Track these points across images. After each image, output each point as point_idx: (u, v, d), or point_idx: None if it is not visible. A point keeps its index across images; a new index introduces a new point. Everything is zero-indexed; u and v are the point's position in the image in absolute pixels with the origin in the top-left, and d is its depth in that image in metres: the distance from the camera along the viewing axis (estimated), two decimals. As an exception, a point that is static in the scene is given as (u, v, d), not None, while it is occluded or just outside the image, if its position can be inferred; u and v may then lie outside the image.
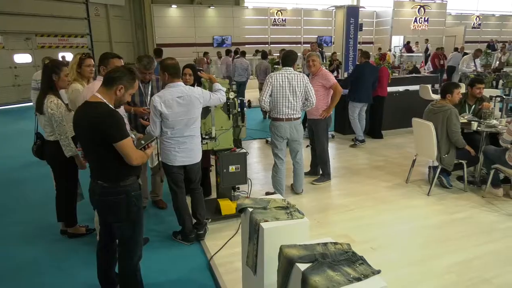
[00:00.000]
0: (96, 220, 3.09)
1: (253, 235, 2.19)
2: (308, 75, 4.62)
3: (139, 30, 17.67)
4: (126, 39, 17.09)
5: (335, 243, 1.83)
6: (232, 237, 3.45)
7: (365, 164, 5.72)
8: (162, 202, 4.30)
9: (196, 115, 3.25)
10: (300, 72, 4.40)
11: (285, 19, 19.66)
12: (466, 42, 20.03)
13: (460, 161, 4.44)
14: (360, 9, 12.94)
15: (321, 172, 4.99)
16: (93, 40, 14.69)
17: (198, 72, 3.94)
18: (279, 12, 19.50)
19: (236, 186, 4.03)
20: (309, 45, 10.27)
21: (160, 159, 3.42)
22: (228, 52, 11.64)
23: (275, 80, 4.05)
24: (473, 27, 23.59)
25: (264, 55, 9.57)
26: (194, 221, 3.56)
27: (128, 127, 3.49)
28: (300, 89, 4.05)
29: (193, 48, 17.66)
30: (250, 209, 2.27)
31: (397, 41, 19.90)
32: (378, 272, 1.63)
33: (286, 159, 4.35)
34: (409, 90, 7.91)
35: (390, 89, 7.80)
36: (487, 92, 6.39)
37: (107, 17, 15.77)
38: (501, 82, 9.58)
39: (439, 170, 4.47)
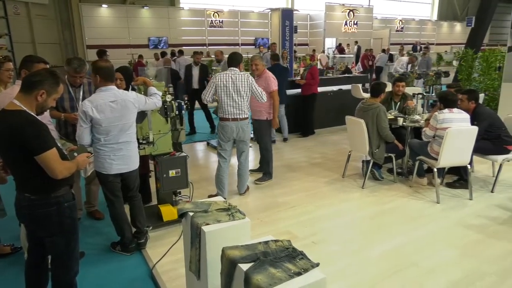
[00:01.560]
0: (23, 236, 2.84)
1: (195, 240, 2.16)
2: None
3: (66, 30, 16.54)
4: (51, 40, 15.89)
5: (276, 241, 1.87)
6: (175, 243, 3.36)
7: (304, 161, 5.92)
8: (98, 213, 4.07)
9: (131, 120, 3.11)
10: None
11: (222, 20, 19.67)
12: (392, 44, 21.61)
13: (390, 154, 4.78)
14: (294, 12, 13.36)
15: (263, 171, 5.10)
16: (13, 41, 13.45)
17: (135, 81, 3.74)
18: (216, 13, 19.46)
19: (177, 190, 3.94)
20: (260, 47, 10.36)
21: (93, 168, 3.23)
22: (163, 54, 11.48)
23: (219, 80, 4.09)
24: (397, 30, 25.53)
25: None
26: (134, 230, 3.42)
27: (55, 134, 3.26)
28: (245, 89, 4.10)
29: (127, 49, 16.95)
30: (191, 213, 2.23)
31: (330, 43, 20.86)
32: (317, 265, 1.69)
33: (230, 158, 4.39)
34: (342, 89, 8.34)
35: (324, 88, 8.19)
36: (410, 90, 6.95)
37: (28, 16, 14.52)
38: (421, 80, 10.46)
39: (371, 164, 4.77)
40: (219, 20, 19.61)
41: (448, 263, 3.11)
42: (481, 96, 6.54)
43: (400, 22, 25.73)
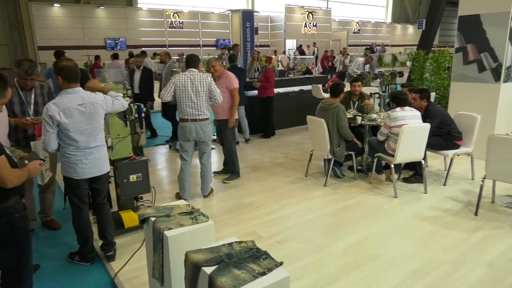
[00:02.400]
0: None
1: (158, 245, 2.11)
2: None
3: (15, 31, 15.62)
4: (-1, 41, 14.98)
5: (240, 242, 1.86)
6: (138, 250, 3.26)
7: (268, 162, 5.97)
8: (55, 222, 3.87)
9: (100, 123, 2.98)
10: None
11: (182, 21, 19.42)
12: (349, 45, 22.32)
13: (350, 152, 4.93)
14: (255, 13, 13.46)
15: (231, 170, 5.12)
16: (-45, 42, 12.54)
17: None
18: (175, 14, 19.17)
19: (139, 195, 3.84)
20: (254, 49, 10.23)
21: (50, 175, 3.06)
22: (115, 56, 11.21)
23: (178, 81, 4.08)
24: (354, 32, 26.42)
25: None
26: (101, 242, 3.28)
27: (4, 141, 3.07)
28: (204, 89, 4.08)
29: (83, 51, 16.29)
30: (153, 218, 2.18)
31: (291, 44, 21.21)
32: (281, 264, 1.71)
33: (191, 160, 4.36)
34: (303, 90, 8.50)
35: (286, 89, 8.30)
36: (367, 90, 7.21)
37: (-28, 15, 13.61)
38: (378, 80, 10.90)
39: (332, 162, 4.89)
40: (179, 21, 19.35)
41: (406, 254, 3.25)
42: (433, 94, 6.91)
43: (357, 24, 26.66)
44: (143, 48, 14.19)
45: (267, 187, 4.86)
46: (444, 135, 4.76)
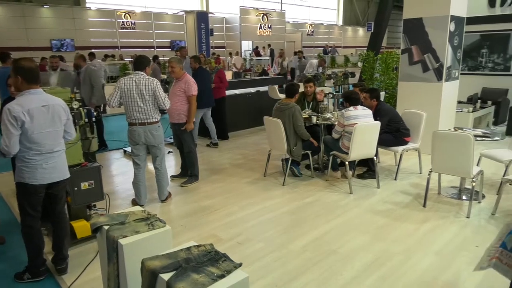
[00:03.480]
0: None
1: (112, 254, 2.02)
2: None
3: None
4: None
5: (198, 246, 1.83)
6: (91, 261, 3.12)
7: (227, 163, 5.95)
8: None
9: (61, 127, 2.86)
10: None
11: (134, 22, 18.85)
12: (304, 47, 22.83)
13: (306, 151, 5.03)
14: (209, 15, 13.37)
15: (189, 173, 5.04)
16: None
17: None
18: (127, 14, 18.57)
19: (92, 204, 3.67)
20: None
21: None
22: (61, 58, 10.64)
23: (123, 85, 3.93)
24: (308, 34, 27.06)
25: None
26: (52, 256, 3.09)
27: None
28: (149, 93, 3.96)
29: (26, 52, 15.31)
30: (106, 227, 2.09)
31: (247, 45, 21.31)
32: (240, 265, 1.70)
33: (145, 164, 4.26)
34: (260, 91, 8.57)
35: (243, 90, 8.33)
36: (321, 90, 7.40)
37: None
38: (332, 81, 11.22)
39: (290, 161, 4.97)
40: (131, 22, 18.77)
41: (362, 248, 3.37)
42: (382, 94, 7.24)
43: (311, 26, 27.33)
44: (92, 50, 13.58)
45: (226, 189, 4.84)
46: (394, 132, 5.01)
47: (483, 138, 6.97)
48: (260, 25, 20.89)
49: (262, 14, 20.94)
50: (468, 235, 3.58)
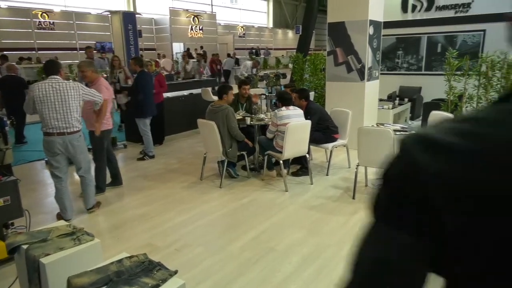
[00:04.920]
0: None
1: (33, 275, 1.85)
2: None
3: None
4: None
5: (131, 257, 1.76)
6: (11, 285, 2.82)
7: (161, 169, 5.77)
8: None
9: None
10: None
11: (53, 22, 17.47)
12: (236, 49, 23.03)
13: (242, 152, 5.07)
14: (137, 15, 12.86)
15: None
16: None
17: None
18: (44, 14, 17.15)
19: (9, 222, 3.32)
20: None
21: None
22: None
23: (38, 91, 3.57)
24: (240, 36, 27.32)
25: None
26: None
27: None
28: (74, 99, 3.69)
29: None
30: (25, 246, 1.91)
31: (178, 47, 20.90)
32: (175, 272, 1.66)
33: (67, 176, 3.96)
34: (193, 93, 8.46)
35: (176, 93, 8.15)
36: (254, 92, 7.52)
37: None
38: (264, 82, 11.47)
39: (226, 163, 4.97)
40: (50, 22, 17.36)
41: (298, 243, 3.48)
42: (312, 93, 7.57)
43: (242, 28, 27.64)
44: (4, 52, 12.33)
45: (162, 195, 4.70)
46: (323, 130, 5.25)
47: (402, 132, 7.61)
48: (191, 26, 20.63)
49: (192, 16, 20.70)
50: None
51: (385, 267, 0.50)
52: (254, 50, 24.98)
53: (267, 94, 6.87)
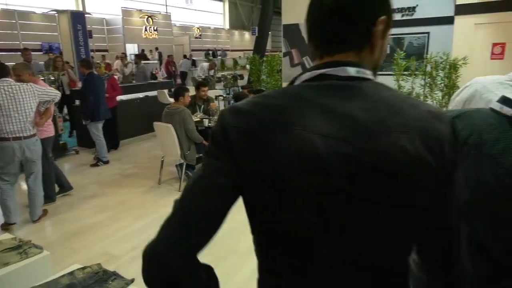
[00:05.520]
0: None
1: (-26, 295, 1.71)
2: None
3: None
4: None
5: (83, 268, 1.67)
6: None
7: (116, 174, 5.57)
8: None
9: None
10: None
11: (-7, 21, 16.31)
12: (192, 50, 22.76)
13: (201, 154, 5.01)
14: (86, 15, 12.31)
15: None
16: None
17: None
18: (-18, 13, 15.96)
19: None
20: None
21: None
22: None
23: None
24: (196, 37, 27.02)
25: None
26: None
27: None
28: (29, 101, 3.52)
29: None
30: (-36, 264, 1.76)
31: (132, 48, 20.27)
32: (132, 281, 1.61)
33: (17, 180, 3.76)
34: (149, 96, 8.24)
35: (130, 96, 7.91)
36: (212, 93, 7.48)
37: None
38: (222, 83, 11.45)
39: (184, 166, 4.89)
40: (-11, 21, 16.19)
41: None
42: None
43: (198, 29, 27.36)
44: None
45: (117, 201, 4.53)
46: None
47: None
48: (145, 27, 20.09)
49: (146, 16, 20.17)
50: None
51: (201, 179, 0.76)
52: (210, 52, 24.82)
53: (224, 95, 6.86)
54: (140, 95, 8.17)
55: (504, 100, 0.86)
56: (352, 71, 0.73)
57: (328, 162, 0.67)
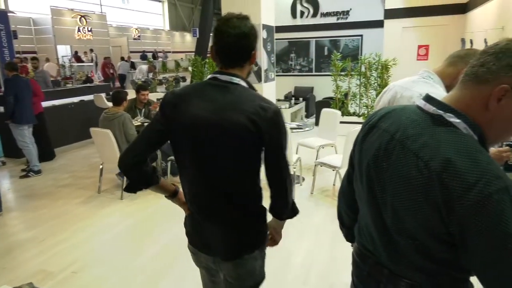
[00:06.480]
0: None
1: None
2: None
3: None
4: None
5: (13, 289, 1.53)
6: None
7: (50, 185, 5.18)
8: None
9: None
10: None
11: None
12: (131, 52, 21.93)
13: (143, 160, 4.84)
14: (10, 14, 11.32)
15: None
16: None
17: None
18: None
19: None
20: None
21: None
22: None
23: None
24: (134, 39, 26.06)
25: None
26: None
27: None
28: None
29: None
30: None
31: (64, 50, 19.00)
32: (71, 298, 1.51)
33: None
34: (85, 100, 7.79)
35: (64, 101, 7.42)
36: (153, 96, 7.27)
37: None
38: (164, 86, 11.16)
39: (126, 173, 4.69)
40: None
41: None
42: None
43: (137, 30, 26.42)
44: None
45: (53, 215, 4.22)
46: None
47: (298, 130, 8.14)
48: (79, 28, 18.96)
49: (79, 16, 19.04)
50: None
51: (148, 125, 1.43)
52: (149, 54, 24.05)
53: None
54: (75, 99, 7.69)
55: (427, 98, 0.94)
56: (228, 78, 1.33)
57: (199, 123, 1.30)
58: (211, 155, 1.32)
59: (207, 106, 1.29)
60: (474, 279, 0.92)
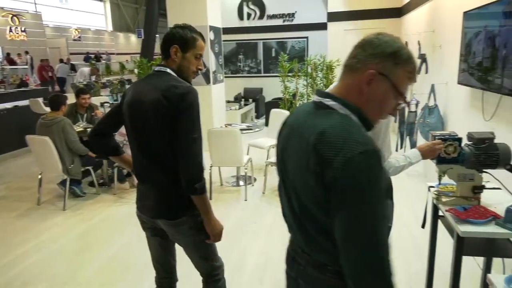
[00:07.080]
0: None
1: None
2: None
3: None
4: None
5: None
6: None
7: (-17, 199, 4.75)
8: None
9: None
10: None
11: None
12: (71, 53, 20.76)
13: (87, 167, 4.60)
14: None
15: None
16: None
17: None
18: None
19: None
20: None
21: None
22: None
23: None
24: (75, 40, 24.68)
25: None
26: None
27: None
28: None
29: None
30: None
31: (-5, 52, 17.49)
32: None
33: None
34: (19, 105, 7.23)
35: (-5, 107, 6.84)
36: (97, 100, 6.93)
37: None
38: (108, 89, 10.66)
39: (68, 181, 4.42)
40: None
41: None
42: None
43: (77, 31, 25.04)
44: None
45: (-14, 231, 3.87)
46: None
47: (248, 131, 8.18)
48: (10, 27, 17.56)
49: (11, 15, 17.64)
50: (247, 215, 4.13)
51: (111, 109, 1.96)
52: (92, 55, 22.91)
53: (111, 102, 6.42)
54: (8, 105, 7.12)
55: (317, 92, 1.08)
56: (159, 68, 1.72)
57: (131, 102, 1.70)
58: (140, 127, 1.67)
59: (140, 89, 1.70)
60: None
